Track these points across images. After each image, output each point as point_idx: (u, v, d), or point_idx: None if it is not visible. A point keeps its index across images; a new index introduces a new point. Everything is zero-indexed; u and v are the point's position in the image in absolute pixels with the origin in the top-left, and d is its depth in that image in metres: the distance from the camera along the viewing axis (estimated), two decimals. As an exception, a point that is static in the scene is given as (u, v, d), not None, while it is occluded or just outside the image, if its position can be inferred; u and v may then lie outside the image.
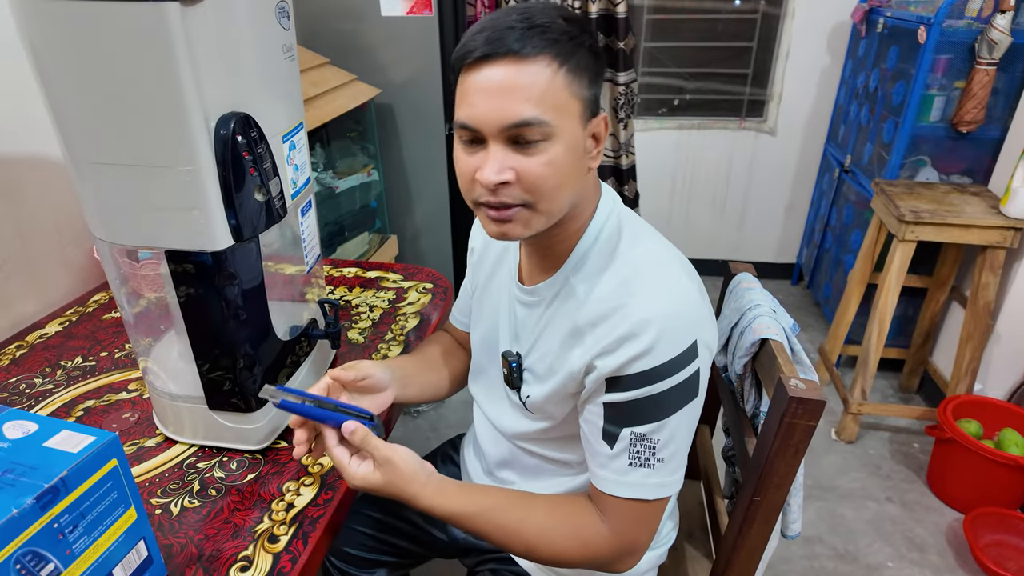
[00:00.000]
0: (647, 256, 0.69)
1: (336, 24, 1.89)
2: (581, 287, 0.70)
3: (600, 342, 0.65)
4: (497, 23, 0.61)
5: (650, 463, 0.67)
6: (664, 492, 0.68)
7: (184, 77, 0.62)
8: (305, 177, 0.90)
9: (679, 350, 0.64)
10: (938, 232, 1.71)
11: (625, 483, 0.68)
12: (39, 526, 0.52)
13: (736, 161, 2.82)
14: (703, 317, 0.67)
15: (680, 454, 0.69)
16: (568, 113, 0.63)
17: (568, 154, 0.63)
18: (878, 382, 2.26)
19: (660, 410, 0.65)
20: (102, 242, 0.75)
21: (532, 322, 0.76)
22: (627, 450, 0.66)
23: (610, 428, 0.67)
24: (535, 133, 0.61)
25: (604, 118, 0.67)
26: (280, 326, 0.88)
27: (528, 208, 0.65)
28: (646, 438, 0.66)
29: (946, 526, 1.70)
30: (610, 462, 0.68)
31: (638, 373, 0.64)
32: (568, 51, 0.61)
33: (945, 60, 1.86)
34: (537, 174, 0.62)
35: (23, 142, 1.14)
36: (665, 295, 0.65)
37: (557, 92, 0.61)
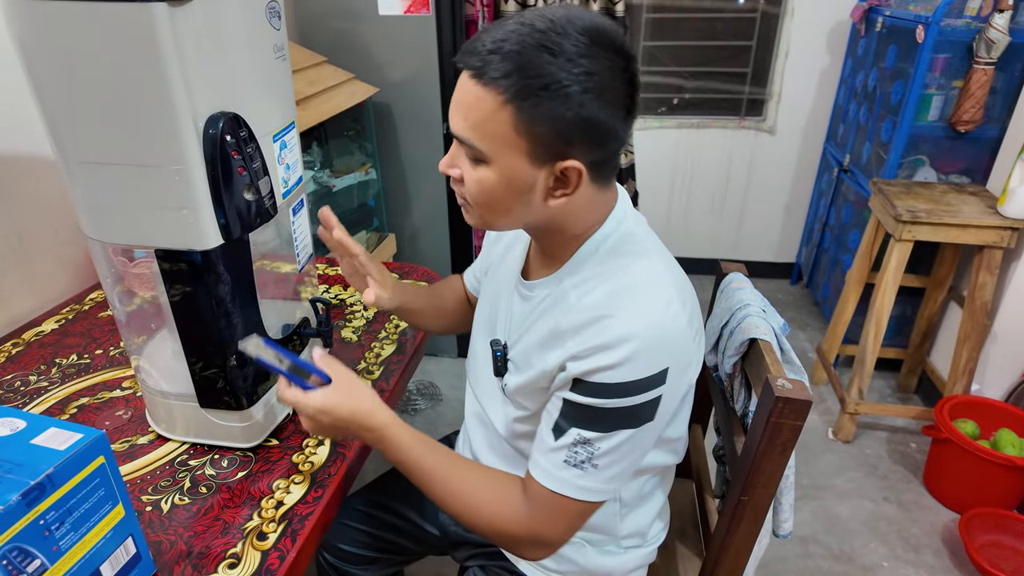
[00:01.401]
0: (644, 274, 0.68)
1: (334, 23, 1.89)
2: (573, 292, 0.70)
3: (576, 347, 0.65)
4: (483, 36, 0.61)
5: (584, 466, 0.67)
6: (588, 496, 0.69)
7: (172, 77, 0.62)
8: (297, 176, 0.90)
9: (647, 373, 0.63)
10: (935, 232, 1.71)
11: (554, 476, 0.69)
12: (25, 522, 0.53)
13: (735, 160, 2.82)
14: (683, 345, 0.66)
15: (618, 467, 0.68)
16: (508, 147, 0.61)
17: (502, 183, 0.64)
18: (876, 382, 2.25)
19: (611, 422, 0.65)
20: (93, 241, 0.76)
21: (524, 316, 0.77)
22: (567, 447, 0.67)
23: (561, 423, 0.68)
24: (468, 151, 0.65)
25: (576, 168, 0.62)
26: (272, 325, 0.89)
27: (471, 206, 0.69)
28: (589, 442, 0.66)
29: (942, 526, 1.70)
30: (549, 453, 0.69)
31: (601, 383, 0.64)
32: (527, 89, 0.58)
33: (943, 59, 1.86)
34: (468, 185, 0.67)
35: (21, 141, 1.14)
36: (650, 315, 0.64)
37: (497, 124, 0.60)
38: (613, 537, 0.84)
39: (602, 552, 0.84)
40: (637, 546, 0.86)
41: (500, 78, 0.59)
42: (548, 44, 0.58)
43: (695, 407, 1.14)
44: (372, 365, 1.05)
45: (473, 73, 0.61)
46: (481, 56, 0.60)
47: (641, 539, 0.86)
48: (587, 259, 0.71)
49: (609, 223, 0.71)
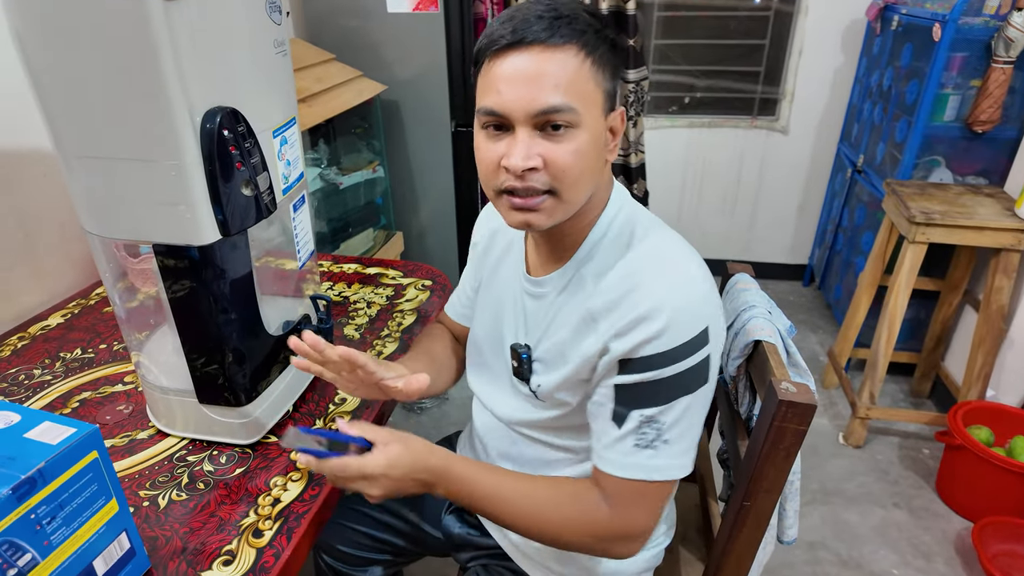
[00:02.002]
0: (658, 247, 0.70)
1: (342, 20, 1.89)
2: (591, 277, 0.71)
3: (614, 325, 0.66)
4: (524, 13, 0.63)
5: (655, 444, 0.66)
6: (667, 475, 0.68)
7: (167, 71, 0.62)
8: (298, 172, 0.89)
9: (690, 335, 0.64)
10: (949, 234, 1.67)
11: (628, 464, 0.68)
12: (15, 516, 0.52)
13: (747, 160, 2.79)
14: (713, 306, 0.67)
15: (687, 438, 0.68)
16: (592, 103, 0.64)
17: (592, 144, 0.65)
18: (889, 386, 2.22)
19: (669, 393, 0.65)
20: (92, 236, 0.76)
21: (541, 313, 0.77)
22: (634, 432, 0.67)
23: (619, 409, 0.68)
24: (563, 120, 0.62)
25: (621, 113, 0.69)
26: (273, 321, 0.88)
27: (553, 196, 0.66)
28: (653, 419, 0.66)
29: (954, 534, 1.67)
30: (616, 443, 0.68)
31: (649, 356, 0.64)
32: (593, 43, 0.63)
33: (960, 58, 1.82)
34: (564, 161, 0.64)
35: (27, 136, 1.15)
36: (677, 282, 0.66)
37: (583, 81, 0.63)
38: None
39: (607, 554, 0.83)
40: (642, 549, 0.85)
41: (575, 37, 0.62)
42: (584, 7, 0.65)
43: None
44: (373, 363, 1.05)
45: (543, 43, 0.61)
46: (548, 28, 0.61)
47: (648, 542, 0.85)
48: (599, 243, 0.72)
49: (612, 206, 0.73)
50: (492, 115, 0.64)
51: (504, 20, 0.64)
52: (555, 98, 0.61)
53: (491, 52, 0.63)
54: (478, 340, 0.89)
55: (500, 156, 0.65)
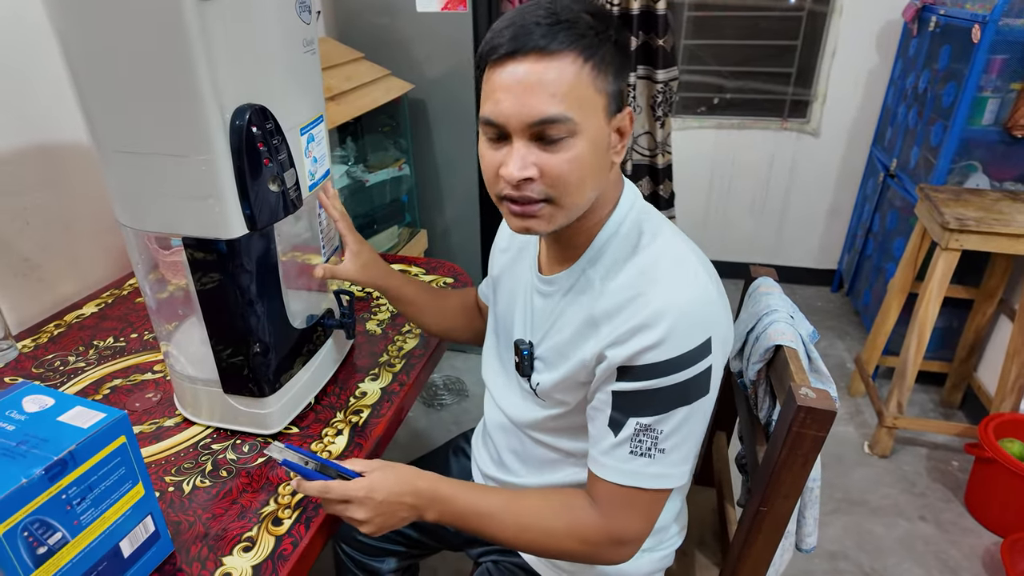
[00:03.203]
0: (666, 250, 0.69)
1: (371, 19, 1.92)
2: (598, 279, 0.71)
3: (614, 332, 0.66)
4: (522, 18, 0.62)
5: (651, 453, 0.66)
6: (661, 483, 0.68)
7: (200, 69, 0.63)
8: (324, 169, 0.91)
9: (692, 345, 0.63)
10: (985, 241, 1.63)
11: (623, 470, 0.68)
12: (47, 496, 0.55)
13: (777, 162, 2.74)
14: (719, 315, 0.67)
15: (684, 448, 0.68)
16: (592, 109, 0.63)
17: (591, 150, 0.64)
18: (918, 396, 2.17)
19: (668, 402, 0.65)
20: (126, 228, 0.78)
21: (547, 311, 0.77)
22: (630, 439, 0.67)
23: (616, 416, 0.67)
24: (559, 130, 0.61)
25: (629, 112, 0.67)
26: (297, 315, 0.90)
27: (551, 204, 0.65)
28: (650, 428, 0.66)
29: (983, 549, 1.62)
30: (612, 450, 0.68)
31: (648, 364, 0.64)
32: (593, 46, 0.61)
33: (1000, 60, 1.77)
34: (560, 171, 0.63)
35: (67, 131, 1.19)
36: (681, 289, 0.65)
37: (582, 88, 0.61)
38: None
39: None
40: (652, 549, 0.85)
41: (574, 42, 0.60)
42: (584, 8, 0.63)
43: (718, 413, 1.12)
44: (394, 358, 1.06)
45: (540, 51, 0.60)
46: (545, 35, 0.60)
47: (657, 542, 0.85)
48: (606, 244, 0.72)
49: (622, 206, 0.72)
50: (490, 125, 0.64)
51: (504, 26, 0.62)
52: (551, 108, 0.60)
53: (491, 60, 0.63)
54: (491, 331, 0.90)
55: (499, 164, 0.64)
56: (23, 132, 1.13)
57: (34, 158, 1.15)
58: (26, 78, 1.12)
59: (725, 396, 1.10)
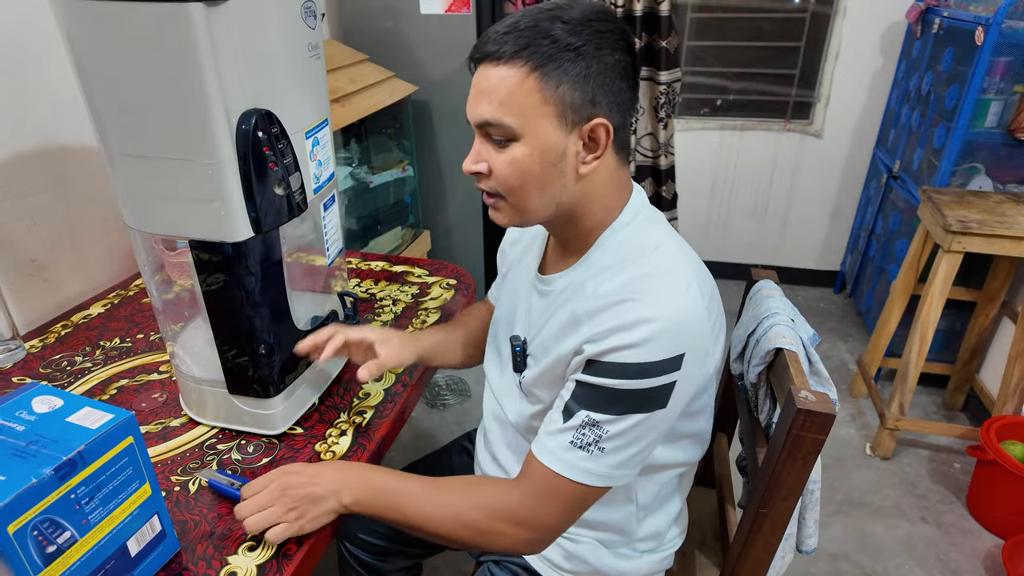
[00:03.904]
0: (662, 262, 0.69)
1: (376, 21, 1.93)
2: (591, 282, 0.71)
3: (593, 329, 0.66)
4: (496, 26, 0.66)
5: (590, 449, 0.67)
6: (590, 479, 0.68)
7: (207, 74, 0.64)
8: (329, 172, 0.92)
9: (663, 356, 0.63)
10: (987, 244, 1.63)
11: (558, 456, 0.68)
12: (57, 496, 0.56)
13: (780, 164, 2.74)
14: (701, 334, 0.66)
15: (625, 454, 0.68)
16: (537, 117, 0.64)
17: (536, 156, 0.66)
18: (921, 398, 2.17)
19: (622, 405, 0.65)
20: (133, 230, 0.79)
21: (542, 311, 0.78)
22: (575, 429, 0.67)
23: (571, 404, 0.68)
24: (498, 133, 0.66)
25: (603, 124, 0.65)
26: (301, 316, 0.91)
27: (503, 199, 0.70)
28: (597, 424, 0.66)
29: (984, 551, 1.62)
30: (556, 434, 0.69)
31: (616, 363, 0.64)
32: (547, 55, 0.62)
33: (1004, 63, 1.77)
34: (501, 170, 0.67)
35: (75, 134, 1.20)
36: (669, 301, 0.65)
37: (524, 96, 0.63)
38: (629, 540, 0.83)
39: (616, 555, 0.84)
40: (652, 550, 0.85)
41: (520, 51, 0.63)
42: (558, 15, 0.63)
43: (720, 415, 1.13)
44: (397, 359, 1.07)
45: (491, 58, 0.64)
46: (496, 41, 0.64)
47: (657, 543, 0.85)
48: (604, 249, 0.73)
49: (626, 214, 0.73)
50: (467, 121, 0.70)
51: (483, 35, 0.67)
52: (489, 113, 0.65)
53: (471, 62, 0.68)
54: (497, 324, 0.92)
55: None
56: (31, 133, 1.14)
57: (41, 159, 1.16)
58: (34, 79, 1.13)
59: (726, 398, 1.11)
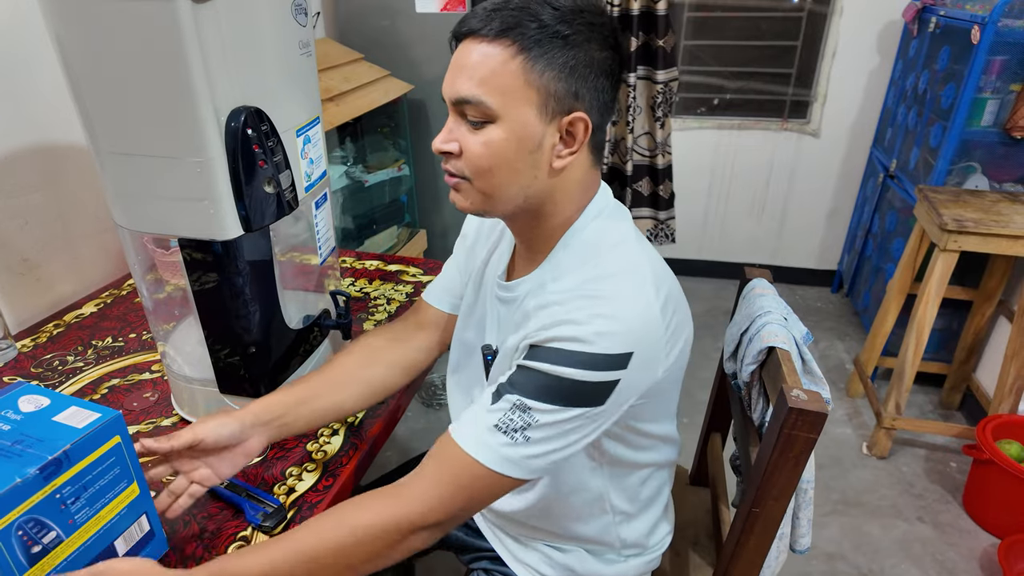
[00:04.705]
0: (620, 261, 0.66)
1: (371, 20, 1.92)
2: (551, 283, 0.69)
3: (543, 320, 0.64)
4: (484, 4, 0.63)
5: (515, 435, 0.62)
6: (507, 469, 0.62)
7: (195, 71, 0.64)
8: (320, 171, 0.92)
9: (610, 351, 0.60)
10: (983, 243, 1.63)
11: (476, 438, 0.62)
12: (41, 496, 0.55)
13: (777, 163, 2.74)
14: (653, 335, 0.63)
15: (549, 445, 0.62)
16: (518, 100, 0.61)
17: (512, 141, 0.63)
18: (917, 397, 2.17)
19: (559, 395, 0.61)
20: (123, 229, 0.79)
21: (508, 318, 0.76)
22: (503, 412, 0.62)
23: (504, 387, 0.63)
24: (475, 112, 0.62)
25: (583, 119, 0.63)
26: (293, 316, 0.91)
27: (468, 182, 0.66)
28: (528, 410, 0.61)
29: (981, 551, 1.62)
30: (481, 415, 0.63)
31: (558, 349, 0.61)
32: (534, 39, 0.60)
33: (1000, 62, 1.77)
34: (472, 151, 0.64)
35: (66, 131, 1.20)
36: (624, 300, 0.63)
37: (507, 78, 0.61)
38: (612, 547, 0.83)
39: (602, 561, 0.83)
40: (638, 554, 0.85)
41: (508, 30, 0.60)
42: (550, 1, 0.61)
43: (714, 414, 1.13)
44: (390, 359, 1.06)
45: (477, 33, 0.61)
46: (483, 17, 0.61)
47: (642, 548, 0.85)
48: (566, 250, 0.70)
49: (589, 212, 0.70)
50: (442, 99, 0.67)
51: (469, 11, 0.66)
52: (467, 90, 0.61)
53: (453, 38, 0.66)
54: (466, 341, 0.85)
55: None
56: (22, 132, 1.13)
57: (33, 158, 1.15)
58: (26, 78, 1.13)
59: (720, 398, 1.10)
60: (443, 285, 0.91)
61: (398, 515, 0.63)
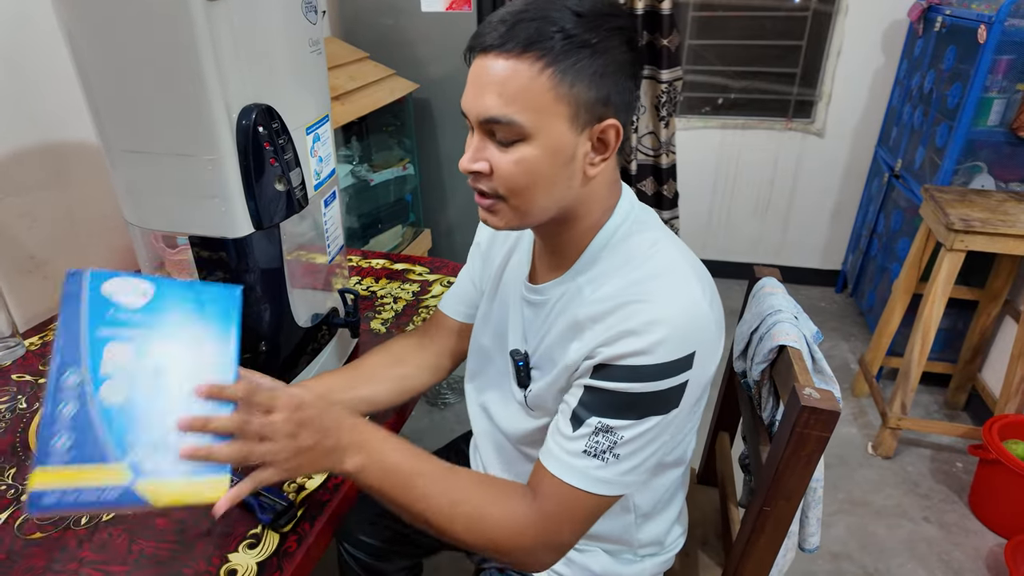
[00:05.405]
0: (661, 261, 0.67)
1: (376, 19, 1.92)
2: (588, 287, 0.69)
3: (602, 335, 0.63)
4: (498, 14, 0.61)
5: (604, 456, 0.64)
6: (604, 489, 0.65)
7: (207, 69, 0.64)
8: (329, 169, 0.92)
9: (675, 356, 0.61)
10: (990, 242, 1.62)
11: (570, 466, 0.65)
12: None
13: (781, 163, 2.74)
14: (708, 331, 0.64)
15: (638, 458, 0.65)
16: (550, 115, 0.59)
17: (546, 157, 0.61)
18: (923, 397, 2.16)
19: (635, 408, 0.63)
20: (133, 227, 0.79)
21: (539, 322, 0.75)
22: (587, 437, 0.64)
23: (580, 412, 0.65)
24: (506, 132, 0.60)
25: (615, 125, 0.62)
26: (302, 314, 0.91)
27: (503, 201, 0.65)
28: (611, 430, 0.63)
29: (987, 551, 1.62)
30: (566, 443, 0.65)
31: (629, 366, 0.62)
32: (561, 51, 0.58)
33: (1007, 61, 1.77)
34: (507, 171, 0.62)
35: (75, 131, 1.20)
36: (674, 301, 0.63)
37: (537, 94, 0.58)
38: (630, 547, 0.83)
39: (617, 560, 0.83)
40: (654, 554, 0.85)
41: (532, 44, 0.57)
42: (569, 6, 0.58)
43: (722, 414, 1.12)
44: (398, 357, 1.06)
45: (496, 49, 0.58)
46: (502, 32, 0.58)
47: (659, 547, 0.85)
48: (599, 253, 0.70)
49: (617, 215, 0.70)
50: (463, 114, 0.64)
51: (482, 24, 0.62)
52: (496, 109, 0.59)
53: (469, 51, 0.63)
54: (483, 347, 0.86)
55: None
56: (30, 130, 1.13)
57: (41, 156, 1.15)
58: (34, 77, 1.13)
59: (728, 396, 1.10)
60: (457, 295, 0.92)
61: (518, 545, 0.66)
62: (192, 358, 0.56)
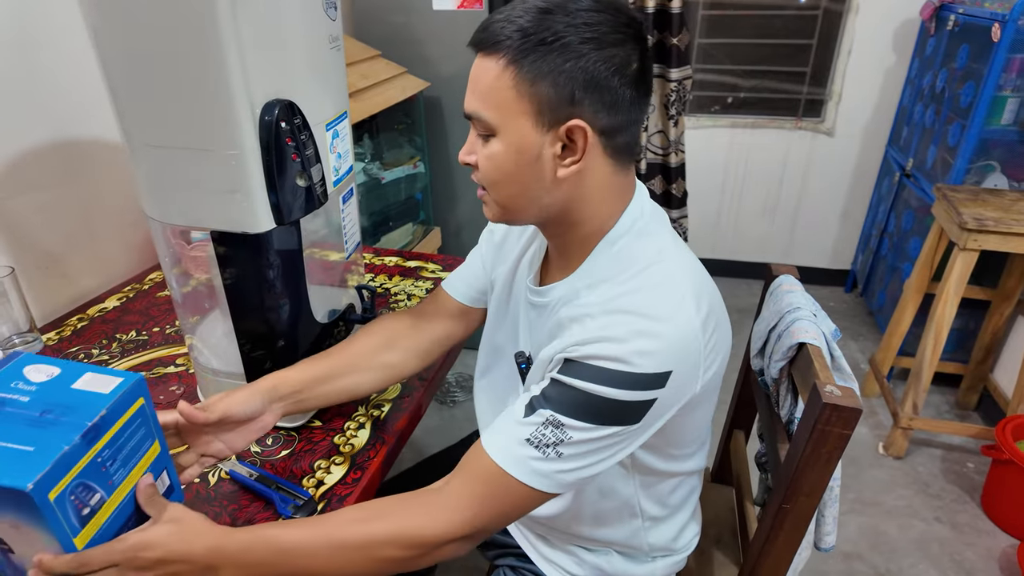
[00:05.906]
0: (659, 273, 0.64)
1: (388, 17, 1.92)
2: (585, 291, 0.67)
3: (577, 335, 0.62)
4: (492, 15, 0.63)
5: (546, 450, 0.61)
6: (537, 483, 0.61)
7: (231, 64, 0.64)
8: (347, 165, 0.92)
9: (650, 370, 0.59)
10: (1004, 242, 1.62)
11: (509, 452, 0.62)
12: (86, 460, 0.55)
13: (791, 162, 2.73)
14: (692, 353, 0.62)
15: (581, 462, 0.62)
16: (513, 113, 0.60)
17: (511, 154, 0.62)
18: (934, 397, 2.16)
19: (594, 414, 0.60)
20: (154, 222, 0.79)
21: (540, 323, 0.74)
22: (536, 426, 0.61)
23: (537, 401, 0.62)
24: (479, 127, 0.64)
25: (580, 126, 0.60)
26: (319, 310, 0.91)
27: (488, 193, 0.68)
28: (562, 427, 0.60)
29: (999, 551, 1.61)
30: (513, 427, 0.63)
31: (598, 367, 0.60)
32: (519, 49, 0.58)
33: (1020, 60, 1.76)
34: (482, 165, 0.65)
35: (93, 127, 1.20)
36: (665, 316, 0.61)
37: (500, 91, 0.60)
38: (640, 549, 0.82)
39: (629, 560, 0.83)
40: (666, 555, 0.85)
41: (501, 41, 0.59)
42: (553, 6, 0.59)
43: (737, 412, 1.12)
44: (413, 354, 1.06)
45: (476, 48, 0.62)
46: (480, 32, 0.62)
47: (672, 549, 0.85)
48: (601, 258, 0.68)
49: (624, 220, 0.68)
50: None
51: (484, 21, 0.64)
52: (470, 105, 0.64)
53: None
54: (497, 345, 0.85)
55: None
56: (46, 128, 1.14)
57: (57, 153, 1.16)
58: (50, 73, 1.13)
59: (744, 395, 1.10)
60: (463, 276, 0.91)
61: (428, 526, 0.62)
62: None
